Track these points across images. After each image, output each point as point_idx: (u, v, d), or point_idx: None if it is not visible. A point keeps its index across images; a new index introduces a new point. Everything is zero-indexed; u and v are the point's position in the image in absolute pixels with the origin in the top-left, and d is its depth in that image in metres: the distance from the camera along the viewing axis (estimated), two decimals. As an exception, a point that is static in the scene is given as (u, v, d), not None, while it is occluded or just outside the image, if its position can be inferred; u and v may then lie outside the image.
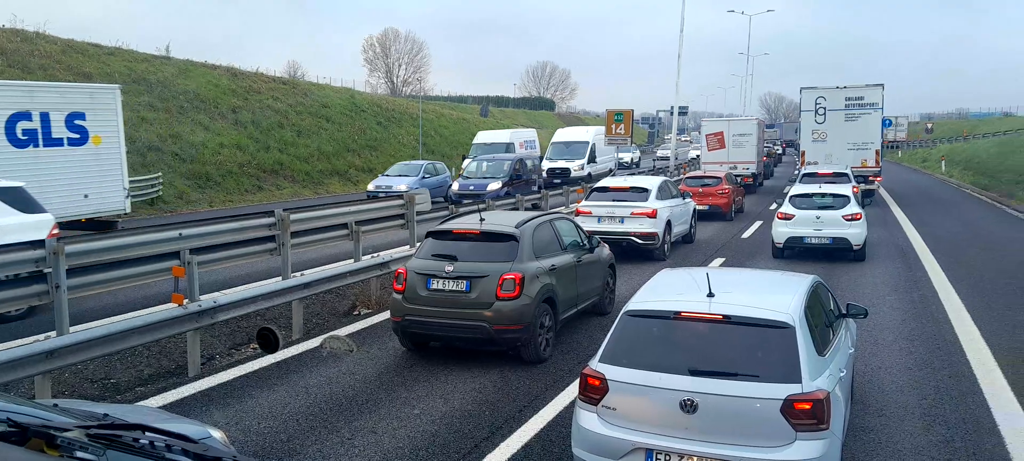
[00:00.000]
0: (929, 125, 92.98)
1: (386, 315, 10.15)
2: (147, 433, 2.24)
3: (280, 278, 11.08)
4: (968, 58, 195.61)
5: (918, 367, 8.62)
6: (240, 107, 38.38)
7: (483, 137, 37.52)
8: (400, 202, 14.85)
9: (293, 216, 11.93)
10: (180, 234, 10.11)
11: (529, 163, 27.77)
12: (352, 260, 12.28)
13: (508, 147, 35.34)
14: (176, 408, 7.33)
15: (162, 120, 32.62)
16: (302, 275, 10.57)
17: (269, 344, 4.78)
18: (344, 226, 12.94)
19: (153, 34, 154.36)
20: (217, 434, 3.87)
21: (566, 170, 33.85)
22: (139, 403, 7.28)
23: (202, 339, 8.89)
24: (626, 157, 51.05)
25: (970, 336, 9.84)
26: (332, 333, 9.81)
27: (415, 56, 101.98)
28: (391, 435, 6.78)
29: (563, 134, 38.80)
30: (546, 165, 33.70)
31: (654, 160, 56.84)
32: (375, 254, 12.28)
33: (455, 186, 26.73)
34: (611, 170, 37.01)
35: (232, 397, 7.80)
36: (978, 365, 8.62)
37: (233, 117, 37.00)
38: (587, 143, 36.23)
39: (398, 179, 27.30)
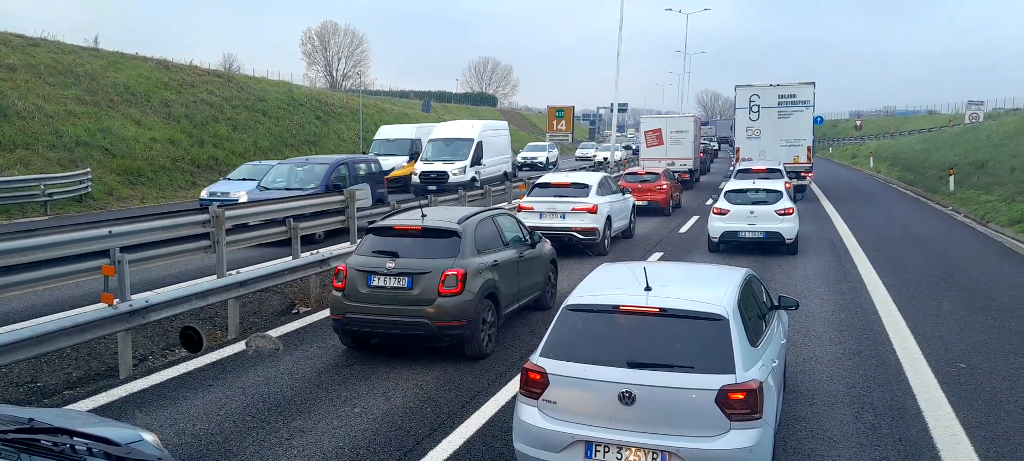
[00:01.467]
0: (858, 122, 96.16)
1: (326, 313, 10.03)
2: (69, 437, 2.17)
3: (215, 276, 10.84)
4: (894, 58, 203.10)
5: (847, 357, 8.93)
6: (173, 101, 37.31)
7: (443, 131, 31.63)
8: (341, 198, 14.68)
9: (228, 213, 11.68)
10: (109, 231, 9.79)
11: (364, 167, 20.17)
12: (290, 257, 12.08)
13: (414, 145, 31.47)
14: (107, 411, 7.12)
15: (91, 114, 31.48)
16: (238, 273, 10.35)
17: (193, 344, 4.68)
18: (282, 223, 12.73)
19: (81, 25, 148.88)
20: (149, 437, 3.76)
21: (443, 174, 27.74)
22: (68, 407, 7.03)
23: (134, 340, 8.63)
24: (541, 156, 47.85)
25: (896, 326, 10.23)
26: (258, 332, 9.63)
27: (355, 49, 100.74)
28: (331, 435, 6.71)
29: (443, 130, 31.80)
30: (419, 168, 28.56)
31: (575, 160, 51.82)
32: (314, 251, 12.10)
33: (204, 193, 21.81)
34: (506, 173, 31.54)
35: (166, 399, 7.60)
36: (904, 354, 8.97)
37: (165, 111, 35.93)
38: (471, 141, 29.52)
39: (240, 184, 21.03)
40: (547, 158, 47.66)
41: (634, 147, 49.17)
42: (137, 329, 8.62)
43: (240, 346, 9.32)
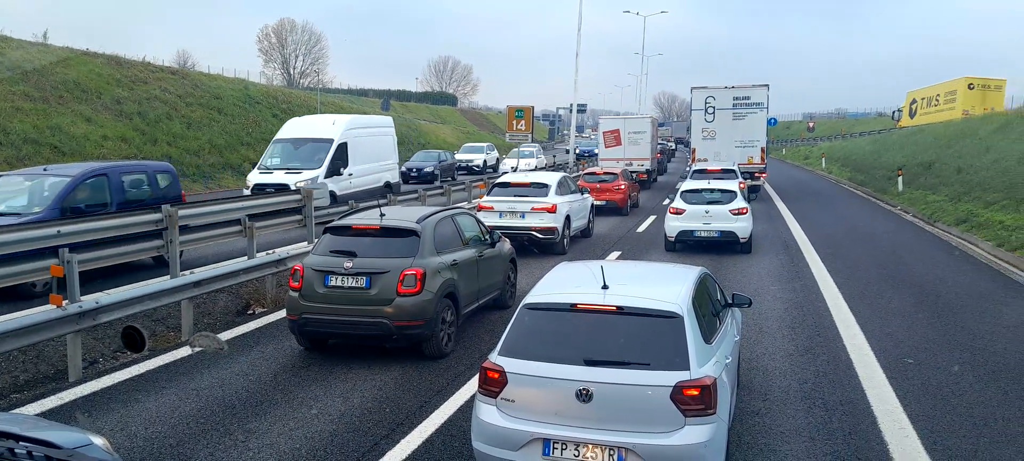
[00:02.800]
0: (811, 124, 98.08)
1: (282, 314, 9.92)
2: (13, 441, 2.13)
3: (168, 276, 10.65)
4: (845, 62, 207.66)
5: (799, 353, 9.12)
6: (125, 98, 36.47)
7: (293, 129, 23.20)
8: (297, 197, 14.52)
9: (181, 212, 11.48)
10: (58, 231, 9.58)
11: (140, 181, 13.76)
12: (246, 257, 11.92)
13: (320, 146, 21.25)
14: (56, 415, 6.95)
15: (39, 111, 30.61)
16: (192, 273, 10.18)
17: (135, 344, 4.60)
18: (237, 222, 12.55)
19: (29, 19, 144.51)
20: (99, 441, 3.70)
21: (282, 188, 18.28)
22: (15, 411, 6.85)
23: (84, 342, 8.43)
24: (478, 159, 42.96)
25: (847, 323, 10.48)
26: (201, 332, 9.47)
27: (313, 47, 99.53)
28: (287, 436, 6.64)
29: (294, 127, 23.34)
30: (253, 178, 20.72)
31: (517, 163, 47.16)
32: (271, 251, 11.95)
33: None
34: (388, 185, 23.14)
35: (117, 402, 7.45)
36: (854, 350, 9.20)
37: (117, 108, 35.10)
38: (328, 143, 21.11)
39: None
40: (484, 160, 43.33)
41: (576, 151, 46.62)
42: (87, 331, 8.42)
43: (206, 349, 9.14)
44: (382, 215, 9.19)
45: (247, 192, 19.73)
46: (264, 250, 12.28)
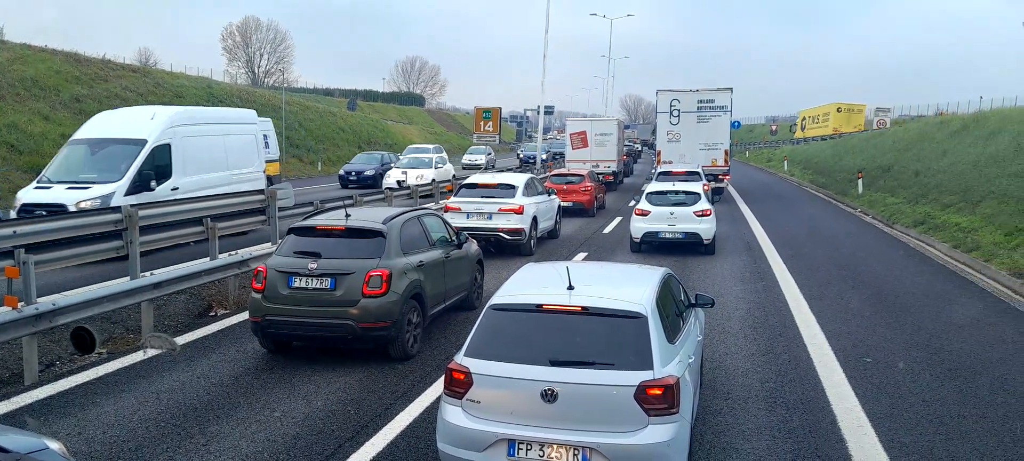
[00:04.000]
0: (773, 127, 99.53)
1: (245, 316, 9.80)
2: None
3: (128, 278, 10.46)
4: (807, 66, 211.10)
5: (761, 353, 9.25)
6: (84, 96, 35.76)
7: (97, 126, 16.81)
8: (260, 196, 14.36)
9: (142, 212, 11.29)
10: (14, 231, 9.36)
11: None
12: (207, 258, 11.76)
13: (127, 149, 15.20)
14: (9, 419, 6.79)
15: (-7, 108, 29.90)
16: (152, 274, 10.01)
17: (85, 345, 4.53)
18: (199, 222, 12.37)
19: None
20: (54, 445, 3.63)
21: (58, 208, 13.22)
22: (-35, 416, 6.68)
23: (40, 344, 8.25)
24: (415, 168, 32.79)
25: (807, 322, 10.66)
26: (153, 333, 9.33)
27: (278, 46, 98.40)
28: (249, 439, 6.56)
29: (99, 124, 16.95)
30: (24, 197, 14.53)
31: (463, 167, 42.87)
32: (233, 252, 11.81)
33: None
34: (261, 205, 15.08)
35: (74, 405, 7.30)
36: (814, 349, 9.36)
37: (77, 106, 34.38)
38: (140, 146, 15.35)
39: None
40: (430, 164, 33.70)
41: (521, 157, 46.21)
42: (44, 333, 8.24)
43: (154, 351, 9.00)
44: (347, 216, 9.12)
45: (13, 214, 13.63)
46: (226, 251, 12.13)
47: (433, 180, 25.70)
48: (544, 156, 45.69)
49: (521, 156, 52.41)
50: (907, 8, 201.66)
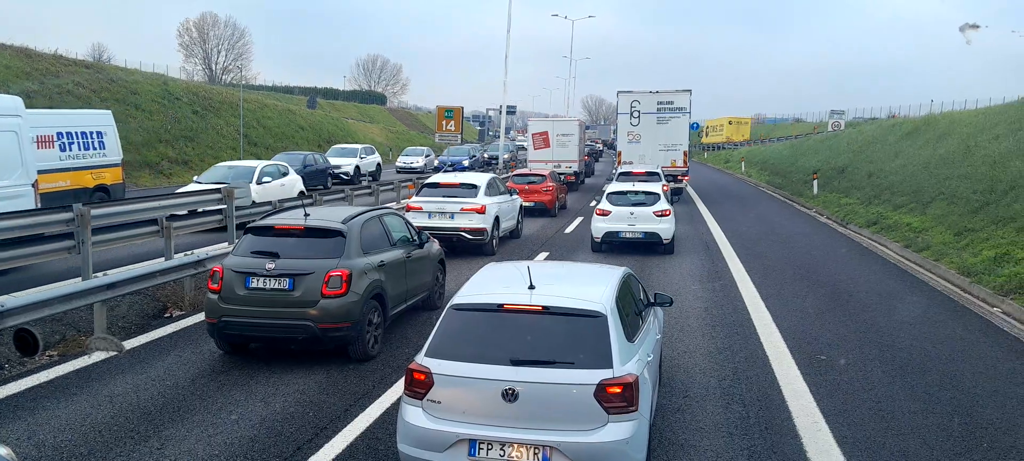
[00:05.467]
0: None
1: (201, 317, 9.63)
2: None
3: (80, 278, 10.21)
4: (764, 69, 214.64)
5: (719, 351, 9.39)
6: (35, 92, 34.75)
7: None
8: (217, 195, 14.12)
9: (94, 211, 11.02)
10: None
11: None
12: (162, 258, 11.53)
13: None
14: (-47, 425, 6.58)
15: (-64, 103, 28.92)
16: (105, 275, 9.78)
17: (28, 347, 4.41)
18: (153, 222, 12.12)
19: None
20: (3, 450, 3.53)
21: None
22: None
23: (-14, 348, 8.02)
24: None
25: (763, 321, 10.84)
26: (98, 335, 9.14)
27: (236, 43, 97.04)
28: (206, 443, 6.46)
29: None
30: None
31: (398, 170, 41.48)
32: (189, 252, 11.59)
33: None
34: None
35: (24, 409, 7.10)
36: (770, 347, 9.52)
37: (27, 102, 33.21)
38: None
39: None
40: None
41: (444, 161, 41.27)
42: (-10, 336, 8.00)
43: (107, 353, 8.82)
44: (306, 215, 9.03)
45: None
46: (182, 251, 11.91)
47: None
48: (487, 156, 44.63)
49: (437, 163, 42.74)
50: (862, 13, 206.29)
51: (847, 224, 22.55)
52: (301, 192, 20.83)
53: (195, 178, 19.59)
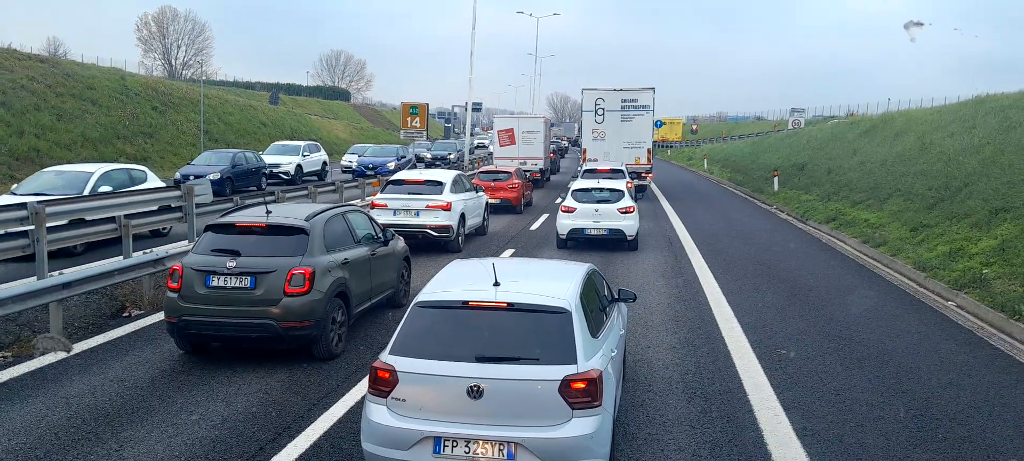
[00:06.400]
0: (694, 127, 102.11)
1: (161, 316, 9.47)
2: None
3: (35, 277, 9.97)
4: (727, 68, 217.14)
5: (681, 346, 9.49)
6: (-14, 86, 33.87)
7: None
8: (177, 193, 13.90)
9: (50, 209, 10.78)
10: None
11: None
12: (121, 257, 11.31)
13: None
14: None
15: None
16: (61, 274, 9.57)
17: None
18: (111, 221, 11.89)
19: None
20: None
21: None
22: None
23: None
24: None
25: (725, 316, 10.99)
26: (45, 334, 8.95)
27: (196, 37, 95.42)
28: (165, 444, 6.35)
29: None
30: None
31: (342, 170, 36.11)
32: (148, 250, 11.39)
33: None
34: None
35: (-26, 413, 6.91)
36: (731, 341, 9.65)
37: (-24, 97, 32.57)
38: None
39: None
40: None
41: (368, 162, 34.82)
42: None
43: (63, 354, 8.63)
44: (268, 212, 8.91)
45: None
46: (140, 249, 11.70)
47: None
48: (432, 156, 42.28)
49: (356, 167, 35.17)
50: (822, 13, 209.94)
51: (807, 220, 22.93)
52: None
53: (13, 189, 15.99)
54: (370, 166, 33.73)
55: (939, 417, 7.19)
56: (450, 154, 44.41)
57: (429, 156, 43.69)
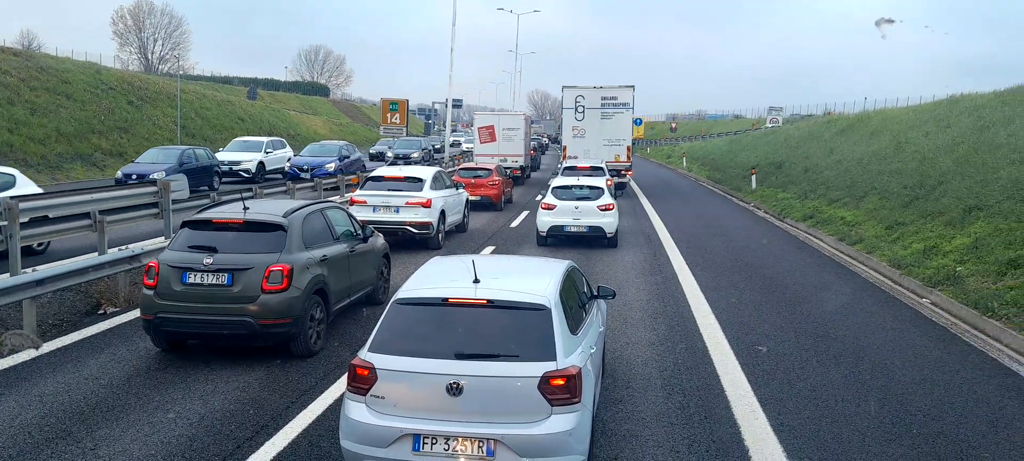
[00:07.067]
0: (673, 125, 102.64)
1: (137, 313, 9.36)
2: None
3: (8, 274, 9.82)
4: (706, 67, 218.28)
5: (660, 342, 9.54)
6: (-44, 80, 33.28)
7: None
8: (153, 189, 13.74)
9: (23, 204, 10.62)
10: None
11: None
12: (96, 253, 11.17)
13: None
14: None
15: None
16: (35, 271, 9.43)
17: None
18: (86, 216, 11.73)
19: None
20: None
21: None
22: None
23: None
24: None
25: (703, 312, 11.06)
26: (14, 330, 8.83)
27: (173, 31, 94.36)
28: (141, 442, 6.29)
29: None
30: None
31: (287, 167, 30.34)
32: (123, 247, 11.26)
33: None
34: None
35: (-56, 412, 6.80)
36: (709, 338, 9.72)
37: (-54, 90, 31.99)
38: None
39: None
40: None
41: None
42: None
43: (37, 351, 8.51)
44: (246, 208, 8.84)
45: None
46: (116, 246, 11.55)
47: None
48: (394, 155, 39.53)
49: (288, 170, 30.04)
50: (801, 12, 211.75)
51: (784, 218, 23.13)
52: None
53: None
54: (304, 167, 28.99)
55: (913, 412, 7.29)
56: (414, 152, 41.11)
57: (391, 155, 40.37)
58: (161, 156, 25.82)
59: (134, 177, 22.97)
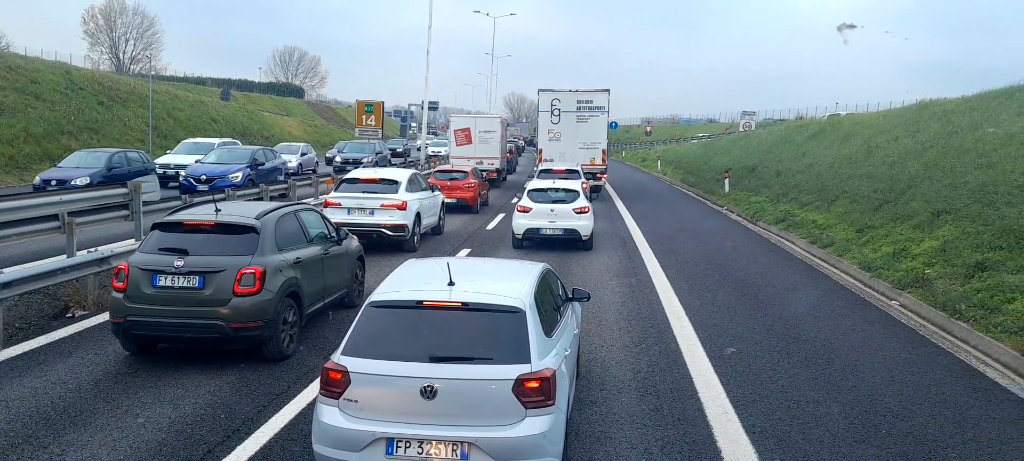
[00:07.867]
0: (648, 128, 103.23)
1: (106, 316, 9.22)
2: None
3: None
4: (680, 71, 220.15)
5: (634, 344, 9.58)
6: (-81, 78, 32.56)
7: None
8: (124, 190, 13.54)
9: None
10: None
11: None
12: (64, 255, 10.98)
13: None
14: None
15: None
16: (1, 274, 9.25)
17: None
18: (54, 217, 11.53)
19: None
20: None
21: None
22: None
23: None
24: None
25: (677, 315, 11.13)
26: None
27: (145, 31, 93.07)
28: (110, 448, 6.19)
29: None
30: None
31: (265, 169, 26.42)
32: (92, 249, 11.08)
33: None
34: None
35: (-95, 418, 6.64)
36: (682, 340, 9.78)
37: (-91, 89, 31.27)
38: None
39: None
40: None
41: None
42: None
43: (3, 356, 8.34)
44: (218, 210, 8.74)
45: None
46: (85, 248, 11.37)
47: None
48: (341, 160, 36.37)
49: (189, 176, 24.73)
50: (773, 18, 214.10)
51: (757, 221, 23.34)
52: None
53: None
54: (202, 177, 23.97)
55: (883, 414, 7.38)
56: (366, 157, 36.83)
57: (338, 160, 36.89)
58: (88, 160, 23.29)
59: (54, 183, 20.63)
